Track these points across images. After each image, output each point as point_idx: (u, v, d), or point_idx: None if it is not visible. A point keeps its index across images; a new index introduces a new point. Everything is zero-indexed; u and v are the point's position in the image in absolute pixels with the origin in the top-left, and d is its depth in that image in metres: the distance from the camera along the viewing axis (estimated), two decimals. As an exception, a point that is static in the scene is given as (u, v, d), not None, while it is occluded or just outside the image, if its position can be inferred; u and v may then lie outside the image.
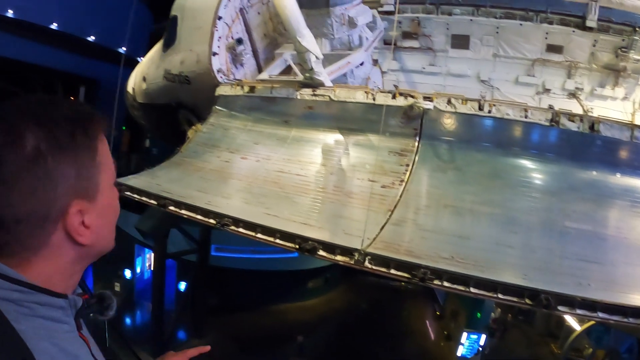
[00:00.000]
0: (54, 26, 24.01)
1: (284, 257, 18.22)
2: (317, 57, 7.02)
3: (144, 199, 6.97)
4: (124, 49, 22.42)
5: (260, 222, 5.70)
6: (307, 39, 6.79)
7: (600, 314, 4.65)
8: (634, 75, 9.99)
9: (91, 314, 1.43)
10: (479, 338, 16.35)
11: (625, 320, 4.71)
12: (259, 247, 17.32)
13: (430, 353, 17.46)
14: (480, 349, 16.26)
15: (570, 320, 16.70)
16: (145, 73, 11.51)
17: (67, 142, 1.17)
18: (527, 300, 4.58)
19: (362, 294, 21.41)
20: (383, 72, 10.69)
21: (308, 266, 18.87)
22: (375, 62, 10.31)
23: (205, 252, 16.57)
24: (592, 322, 15.47)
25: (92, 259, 1.35)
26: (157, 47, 11.20)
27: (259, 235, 5.66)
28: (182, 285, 18.50)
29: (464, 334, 16.44)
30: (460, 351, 16.39)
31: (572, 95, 10.15)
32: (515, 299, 4.63)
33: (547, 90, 10.19)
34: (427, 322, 20.09)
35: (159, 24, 23.75)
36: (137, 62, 14.03)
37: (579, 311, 4.65)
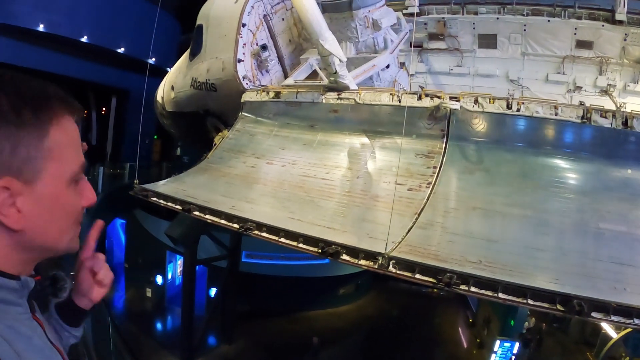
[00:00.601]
0: (84, 39, 24.63)
1: (315, 264, 18.18)
2: (340, 60, 7.01)
3: (169, 204, 7.07)
4: (153, 59, 22.84)
5: (283, 227, 5.68)
6: (329, 42, 6.79)
7: (637, 321, 4.40)
8: (668, 69, 9.69)
9: (44, 295, 1.42)
10: (512, 346, 15.91)
11: None
12: (289, 253, 17.42)
13: (462, 361, 17.20)
14: (514, 357, 15.87)
15: (607, 327, 16.18)
16: (173, 82, 11.72)
17: (10, 116, 1.11)
18: (559, 307, 4.33)
19: (394, 300, 21.17)
20: (410, 75, 10.59)
21: (339, 272, 18.74)
22: (402, 64, 10.23)
23: (235, 258, 16.67)
24: (629, 330, 15.01)
25: (39, 252, 1.27)
26: (185, 56, 11.39)
27: (282, 239, 5.64)
28: (213, 291, 18.64)
29: (497, 342, 16.05)
30: (494, 359, 16.05)
31: (605, 92, 9.85)
32: (546, 305, 4.38)
33: (578, 88, 9.91)
34: (460, 329, 19.70)
35: (187, 34, 24.21)
36: (166, 72, 14.29)
37: (613, 318, 4.37)
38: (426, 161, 6.12)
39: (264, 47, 9.06)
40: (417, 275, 4.71)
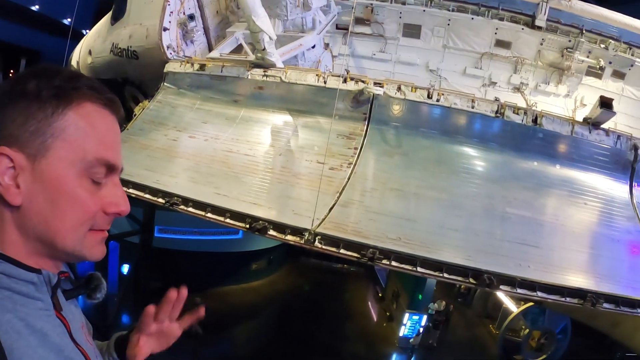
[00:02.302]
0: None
1: (228, 239, 18.04)
2: (270, 38, 6.96)
3: None
4: (69, 20, 21.48)
5: (210, 202, 5.65)
6: (262, 18, 6.71)
7: (540, 294, 5.00)
8: (577, 75, 10.52)
9: (77, 296, 1.36)
10: (420, 319, 16.80)
11: (563, 299, 5.15)
12: (202, 228, 17.27)
13: (372, 334, 17.72)
14: (422, 329, 16.72)
15: (507, 302, 17.49)
16: (91, 46, 11.09)
17: (30, 94, 1.12)
18: (471, 280, 4.86)
19: (305, 275, 21.52)
20: (334, 56, 10.74)
21: (252, 248, 18.75)
22: (326, 45, 10.33)
23: (148, 234, 16.21)
24: (528, 304, 16.26)
25: (46, 244, 1.19)
26: (105, 19, 10.80)
27: (209, 214, 5.62)
28: (125, 268, 18.04)
29: (406, 315, 16.85)
30: (403, 332, 16.80)
31: (517, 89, 10.55)
32: (460, 278, 4.91)
33: (493, 83, 10.55)
34: (369, 303, 20.40)
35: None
36: (82, 34, 13.50)
37: (519, 290, 4.98)
38: (347, 142, 6.28)
39: (191, 17, 8.77)
40: (342, 251, 5.01)
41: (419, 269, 4.77)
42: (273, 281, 20.52)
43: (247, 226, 5.32)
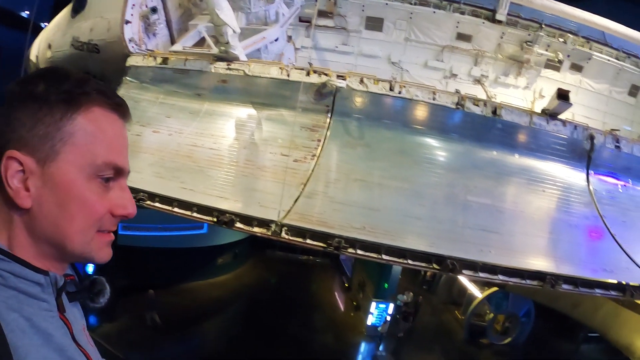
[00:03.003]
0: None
1: (193, 234, 17.88)
2: (234, 31, 6.95)
3: None
4: (27, 12, 20.88)
5: (176, 197, 5.67)
6: (225, 12, 6.70)
7: (501, 277, 5.23)
8: (536, 67, 10.88)
9: (80, 299, 1.37)
10: (387, 307, 17.11)
11: (523, 282, 5.44)
12: (167, 224, 17.02)
13: (341, 324, 17.97)
14: (389, 317, 16.99)
15: (472, 288, 17.97)
16: (50, 40, 10.78)
17: (39, 97, 1.14)
18: (435, 265, 5.08)
19: (271, 268, 21.56)
20: (296, 49, 10.80)
21: (217, 242, 18.63)
22: (289, 38, 10.36)
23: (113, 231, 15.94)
24: (492, 289, 16.76)
25: (55, 247, 1.20)
26: (65, 12, 10.51)
27: (176, 209, 5.66)
28: (90, 268, 17.73)
29: (373, 304, 17.13)
30: (370, 320, 17.07)
31: (477, 81, 10.82)
32: (424, 264, 5.09)
33: (454, 75, 10.81)
34: (336, 294, 20.66)
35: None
36: (41, 28, 13.13)
37: (481, 274, 5.22)
38: (311, 134, 6.36)
39: (154, 10, 8.62)
40: (308, 241, 5.19)
41: (383, 256, 4.93)
42: (239, 275, 20.49)
43: (215, 219, 5.38)
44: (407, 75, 10.70)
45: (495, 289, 16.79)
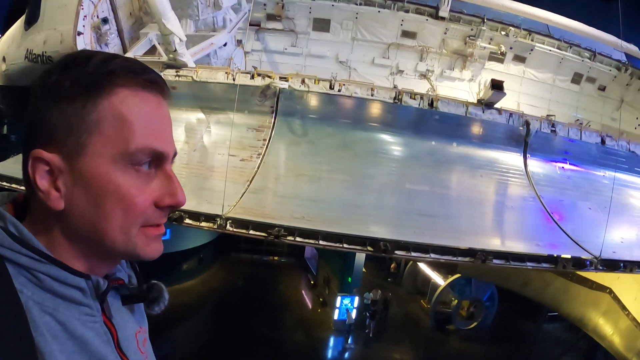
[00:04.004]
0: None
1: (157, 240, 17.87)
2: (180, 40, 7.22)
3: (13, 186, 6.83)
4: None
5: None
6: (171, 21, 6.97)
7: (433, 255, 5.63)
8: (480, 60, 11.39)
9: (134, 303, 1.27)
10: (352, 300, 17.54)
11: (454, 259, 5.82)
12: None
13: (309, 321, 18.28)
14: (355, 310, 17.42)
15: (435, 276, 18.55)
16: (4, 53, 10.79)
17: (57, 86, 1.03)
18: (369, 248, 5.43)
19: (237, 271, 21.79)
20: (246, 53, 11.05)
21: (181, 248, 18.49)
22: (239, 42, 10.62)
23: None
24: (455, 276, 17.32)
25: (95, 246, 1.09)
26: (18, 25, 10.53)
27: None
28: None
29: (338, 298, 17.57)
30: (337, 315, 17.50)
31: (424, 76, 11.28)
32: (358, 247, 5.46)
33: (400, 72, 11.22)
34: (303, 291, 21.11)
35: None
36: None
37: (414, 254, 5.57)
38: (257, 134, 6.70)
39: (105, 20, 8.76)
40: (251, 232, 5.50)
41: (320, 242, 5.29)
42: (206, 280, 20.53)
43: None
44: (355, 73, 11.08)
45: (457, 275, 17.32)
